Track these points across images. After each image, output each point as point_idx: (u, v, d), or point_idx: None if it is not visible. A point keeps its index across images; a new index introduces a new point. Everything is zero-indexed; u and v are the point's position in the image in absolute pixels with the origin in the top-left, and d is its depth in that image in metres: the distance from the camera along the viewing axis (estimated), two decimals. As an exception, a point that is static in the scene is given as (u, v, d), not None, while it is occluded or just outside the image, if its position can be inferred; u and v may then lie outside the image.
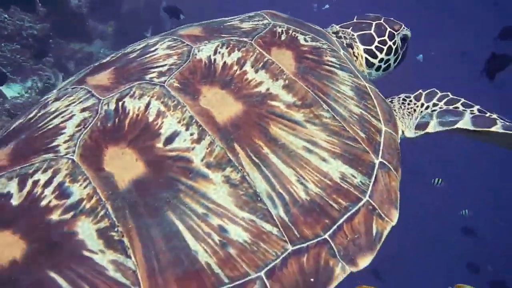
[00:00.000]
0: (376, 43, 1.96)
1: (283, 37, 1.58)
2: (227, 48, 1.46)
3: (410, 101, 1.80)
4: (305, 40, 1.62)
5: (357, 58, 1.96)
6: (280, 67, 1.44)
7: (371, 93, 1.58)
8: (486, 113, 1.72)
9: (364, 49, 1.96)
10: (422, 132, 1.73)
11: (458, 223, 11.04)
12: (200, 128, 1.26)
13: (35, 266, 1.08)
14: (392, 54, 1.99)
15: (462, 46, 16.18)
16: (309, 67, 1.50)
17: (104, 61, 1.55)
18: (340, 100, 1.47)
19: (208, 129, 1.26)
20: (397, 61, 2.04)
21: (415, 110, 1.77)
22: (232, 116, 1.30)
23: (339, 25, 2.05)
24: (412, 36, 2.05)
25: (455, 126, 1.68)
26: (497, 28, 7.85)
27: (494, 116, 1.71)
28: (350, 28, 2.00)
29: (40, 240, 1.11)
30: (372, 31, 1.97)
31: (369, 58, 1.96)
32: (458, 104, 1.75)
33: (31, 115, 1.38)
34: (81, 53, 7.97)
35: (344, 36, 1.97)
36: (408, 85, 2.05)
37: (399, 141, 1.57)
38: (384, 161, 1.42)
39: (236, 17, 1.75)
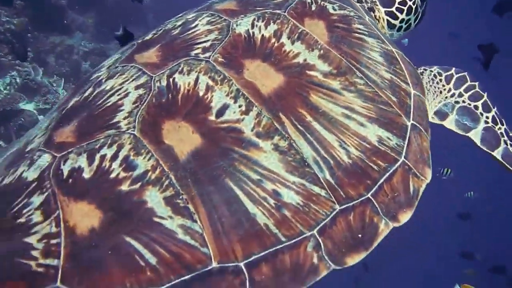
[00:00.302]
0: (396, 5, 2.00)
1: (313, 7, 1.64)
2: (263, 21, 1.52)
3: (440, 80, 1.84)
4: (334, 8, 1.68)
5: (378, 21, 2.01)
6: (314, 38, 1.52)
7: (398, 58, 1.66)
8: (497, 124, 1.79)
9: (385, 12, 2.00)
10: (438, 121, 1.80)
11: (454, 209, 11.23)
12: (247, 100, 1.34)
13: (111, 232, 1.16)
14: (412, 13, 2.03)
15: (450, 27, 16.36)
16: (341, 35, 1.58)
17: (147, 38, 1.59)
18: (371, 67, 1.55)
19: (255, 101, 1.34)
20: (417, 20, 2.08)
21: (441, 92, 1.82)
22: (275, 87, 1.38)
23: None
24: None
25: (467, 135, 1.78)
26: (485, 8, 7.89)
27: (503, 129, 1.79)
28: None
29: (113, 209, 1.19)
30: None
31: (390, 20, 2.01)
32: (479, 103, 1.80)
33: (86, 94, 1.44)
34: (61, 46, 7.84)
35: (365, 0, 2.01)
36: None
37: (426, 102, 1.68)
38: (415, 123, 1.51)
39: None
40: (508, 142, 1.79)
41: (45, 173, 1.25)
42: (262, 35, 1.48)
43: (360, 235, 1.28)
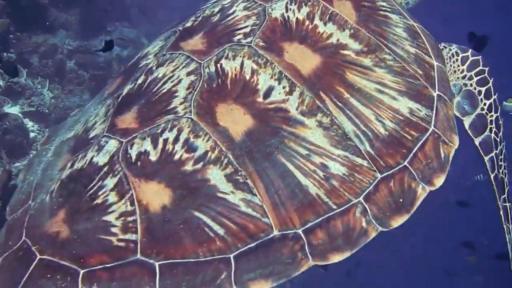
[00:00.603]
0: None
1: None
2: (295, 4, 1.61)
3: (456, 59, 1.91)
4: None
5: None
6: (344, 18, 1.61)
7: (419, 32, 1.76)
8: (491, 112, 1.85)
9: None
10: None
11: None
12: (290, 82, 1.44)
13: (181, 208, 1.27)
14: None
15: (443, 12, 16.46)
16: (367, 14, 1.67)
17: (188, 25, 1.66)
18: (397, 42, 1.65)
19: (297, 82, 1.45)
20: None
21: (455, 71, 1.91)
22: (313, 68, 1.49)
23: None
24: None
25: (462, 118, 1.84)
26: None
27: (494, 117, 1.84)
28: None
29: (181, 187, 1.29)
30: None
31: None
32: (483, 89, 1.87)
33: (139, 81, 1.52)
34: (44, 46, 7.70)
35: None
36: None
37: (448, 73, 1.77)
38: (441, 93, 1.62)
39: None
40: (494, 130, 1.86)
41: (115, 158, 1.36)
42: (297, 18, 1.57)
43: (401, 200, 1.41)
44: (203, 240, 1.25)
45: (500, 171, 1.82)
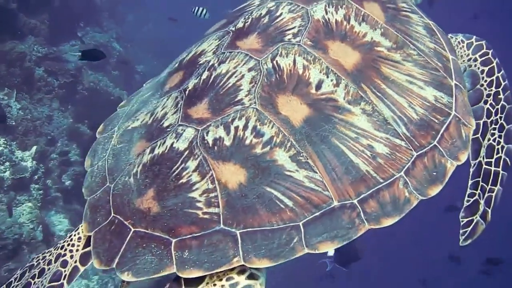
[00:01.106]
0: None
1: None
2: (333, 7, 1.80)
3: (463, 46, 2.12)
4: None
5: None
6: (374, 18, 1.82)
7: (435, 29, 1.98)
8: (491, 87, 1.99)
9: None
10: None
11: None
12: (336, 75, 1.64)
13: (255, 185, 1.46)
14: None
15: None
16: (393, 15, 1.89)
17: (240, 26, 1.82)
18: (419, 39, 1.87)
19: (341, 75, 1.65)
20: None
21: (462, 57, 2.12)
22: (354, 63, 1.69)
23: None
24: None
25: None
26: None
27: (493, 92, 1.98)
28: None
29: (253, 167, 1.48)
30: None
31: None
32: (486, 68, 2.04)
33: (204, 77, 1.69)
34: (12, 53, 7.53)
35: None
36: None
37: (460, 64, 1.98)
38: (457, 83, 1.84)
39: None
40: (490, 102, 2.01)
41: (193, 143, 1.53)
42: (336, 19, 1.78)
43: (434, 173, 1.63)
44: (275, 211, 1.44)
45: (492, 138, 1.97)
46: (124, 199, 1.57)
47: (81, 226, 1.76)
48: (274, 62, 1.65)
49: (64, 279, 1.68)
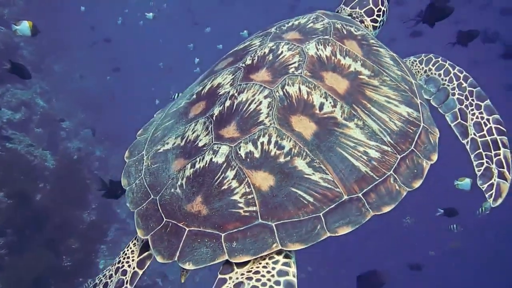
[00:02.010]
0: (376, 13, 2.77)
1: (344, 32, 2.35)
2: (322, 45, 2.24)
3: (417, 64, 2.61)
4: (355, 30, 2.40)
5: (367, 28, 2.73)
6: (354, 53, 2.27)
7: (398, 59, 2.46)
8: (452, 82, 2.48)
9: (370, 20, 2.77)
10: None
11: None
12: (333, 98, 2.08)
13: (282, 187, 1.85)
14: (385, 15, 2.81)
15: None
16: (367, 49, 2.35)
17: (249, 63, 2.21)
18: (389, 68, 2.33)
19: (337, 98, 2.08)
20: (386, 18, 2.82)
21: (418, 72, 2.62)
22: (345, 88, 2.13)
23: (348, 7, 2.78)
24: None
25: (429, 98, 2.52)
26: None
27: (455, 85, 2.46)
28: (357, 8, 2.75)
29: (279, 173, 1.87)
30: (371, 5, 2.74)
31: (374, 24, 2.78)
32: (442, 71, 2.54)
33: (227, 104, 2.06)
34: None
35: (356, 16, 2.74)
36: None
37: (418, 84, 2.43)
38: (421, 101, 2.30)
39: (302, 18, 2.45)
40: (457, 93, 2.44)
41: (229, 157, 1.90)
42: (326, 54, 2.22)
43: (415, 171, 2.07)
44: (300, 206, 1.82)
45: (474, 117, 2.40)
46: (174, 206, 1.91)
47: (132, 240, 2.09)
48: (284, 90, 2.06)
49: (126, 283, 2.01)
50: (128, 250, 2.14)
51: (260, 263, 1.79)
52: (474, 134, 2.41)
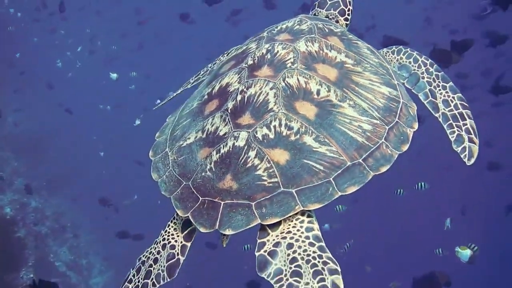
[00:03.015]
0: (347, 12, 3.18)
1: (326, 30, 2.71)
2: (310, 42, 2.63)
3: (389, 54, 3.02)
4: (334, 28, 2.76)
5: (342, 25, 3.14)
6: (338, 47, 2.68)
7: (373, 49, 2.88)
8: (420, 68, 2.93)
9: (343, 19, 3.17)
10: None
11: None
12: (327, 85, 2.45)
13: (296, 159, 2.22)
14: (352, 13, 3.29)
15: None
16: (348, 43, 2.75)
17: (251, 63, 2.57)
18: (368, 57, 2.74)
19: (330, 84, 2.46)
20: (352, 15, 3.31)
21: (391, 61, 3.03)
22: (335, 76, 2.51)
23: (324, 9, 3.21)
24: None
25: (403, 82, 2.93)
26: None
27: (423, 70, 2.91)
28: (332, 9, 3.18)
29: (293, 149, 2.24)
30: (342, 6, 3.17)
31: (346, 22, 3.25)
32: (411, 59, 2.93)
33: (239, 98, 2.41)
34: None
35: (332, 17, 3.15)
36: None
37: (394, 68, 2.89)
38: (398, 82, 2.71)
39: (288, 22, 2.82)
40: (426, 76, 2.82)
41: (249, 140, 2.26)
42: (315, 50, 2.61)
43: (401, 137, 2.45)
44: (313, 174, 2.19)
45: (441, 95, 2.83)
46: (207, 187, 2.26)
47: (170, 222, 2.42)
48: (285, 81, 2.43)
49: (177, 255, 2.33)
50: (169, 229, 2.47)
51: (289, 225, 2.16)
52: (444, 109, 2.84)
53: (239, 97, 2.43)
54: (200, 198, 2.25)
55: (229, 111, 2.41)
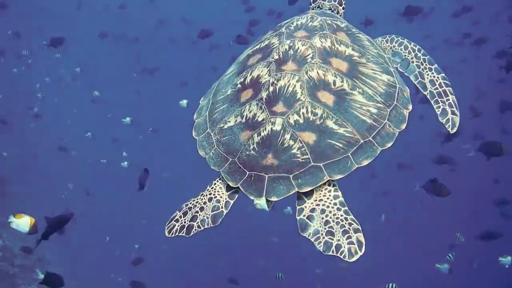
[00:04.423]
0: (343, 1, 3.61)
1: (335, 26, 3.13)
2: (323, 38, 3.13)
3: (384, 42, 3.50)
4: (340, 23, 3.19)
5: (341, 15, 3.55)
6: (345, 41, 3.17)
7: (372, 40, 3.39)
8: (410, 54, 3.45)
9: (341, 8, 3.59)
10: None
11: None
12: (341, 76, 2.98)
13: (322, 140, 2.77)
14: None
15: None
16: (352, 37, 3.25)
17: (277, 57, 3.03)
18: (369, 48, 3.24)
19: (343, 75, 2.98)
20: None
21: (385, 48, 3.52)
22: (346, 67, 3.03)
23: (326, 1, 3.59)
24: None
25: (397, 66, 3.47)
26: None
27: (413, 55, 3.43)
28: (332, 0, 3.57)
29: (318, 131, 2.78)
30: None
31: (343, 11, 3.72)
32: (402, 46, 3.40)
33: (270, 89, 2.89)
34: None
35: (333, 8, 3.55)
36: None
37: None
38: (394, 69, 3.23)
39: (302, 19, 3.21)
40: (415, 60, 3.26)
41: (284, 125, 2.78)
42: (328, 45, 3.10)
43: (400, 118, 3.02)
44: (335, 150, 2.75)
45: (428, 76, 3.36)
46: (252, 163, 2.78)
47: (214, 183, 2.98)
48: (308, 74, 2.93)
49: (221, 208, 2.86)
50: (215, 186, 2.90)
51: (320, 193, 2.74)
52: (431, 88, 3.42)
53: (271, 88, 2.93)
54: (247, 172, 2.77)
55: (263, 100, 2.91)
